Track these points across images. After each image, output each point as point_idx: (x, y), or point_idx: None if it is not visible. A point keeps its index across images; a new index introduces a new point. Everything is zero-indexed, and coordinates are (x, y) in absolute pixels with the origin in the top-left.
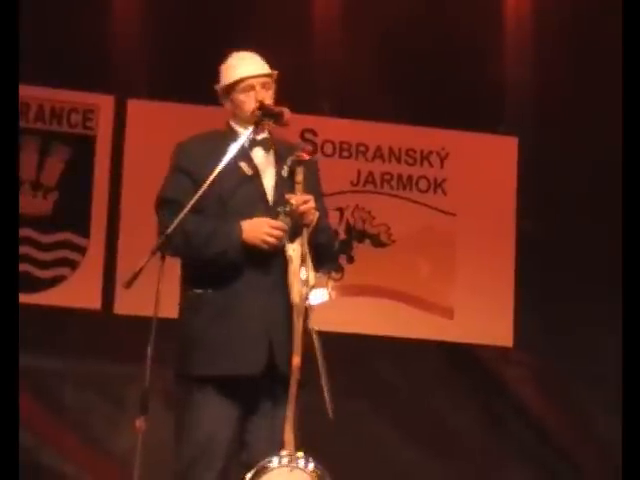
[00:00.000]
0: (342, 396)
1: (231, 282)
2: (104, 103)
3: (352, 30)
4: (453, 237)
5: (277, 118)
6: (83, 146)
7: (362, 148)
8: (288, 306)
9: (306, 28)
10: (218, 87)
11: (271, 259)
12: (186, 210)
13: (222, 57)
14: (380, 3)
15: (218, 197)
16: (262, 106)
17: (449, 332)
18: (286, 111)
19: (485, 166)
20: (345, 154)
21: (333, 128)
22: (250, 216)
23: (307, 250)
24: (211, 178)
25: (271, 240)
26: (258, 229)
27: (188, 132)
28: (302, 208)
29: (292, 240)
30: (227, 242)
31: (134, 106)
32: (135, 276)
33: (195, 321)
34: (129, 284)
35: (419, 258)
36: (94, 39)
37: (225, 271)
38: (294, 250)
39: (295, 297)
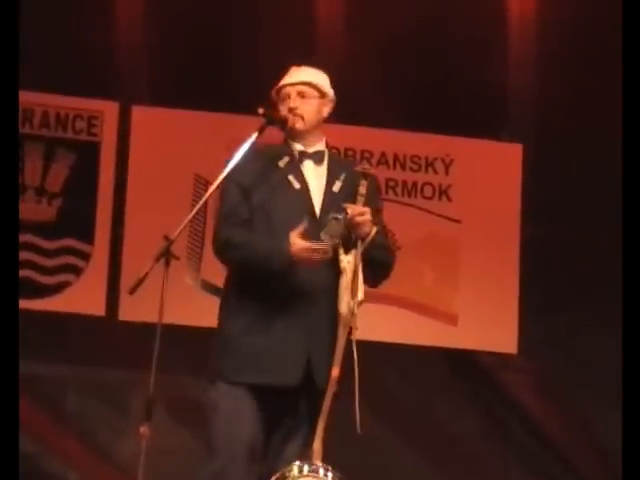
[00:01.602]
0: (345, 402)
1: (275, 290)
2: (109, 109)
3: (356, 37)
4: (458, 244)
5: (281, 124)
6: (88, 152)
7: (367, 154)
8: (331, 318)
9: (309, 35)
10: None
11: (320, 269)
12: (192, 215)
13: (225, 63)
14: (383, 11)
15: (263, 210)
16: (265, 112)
17: (453, 339)
18: (290, 117)
19: (490, 173)
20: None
21: (337, 134)
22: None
23: (360, 263)
24: (219, 180)
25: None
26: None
27: (192, 139)
28: (357, 219)
29: (347, 252)
30: (274, 254)
31: (139, 112)
32: (139, 282)
33: (234, 326)
34: (133, 290)
35: (424, 265)
36: (99, 46)
37: (273, 279)
38: (349, 262)
39: (343, 308)
